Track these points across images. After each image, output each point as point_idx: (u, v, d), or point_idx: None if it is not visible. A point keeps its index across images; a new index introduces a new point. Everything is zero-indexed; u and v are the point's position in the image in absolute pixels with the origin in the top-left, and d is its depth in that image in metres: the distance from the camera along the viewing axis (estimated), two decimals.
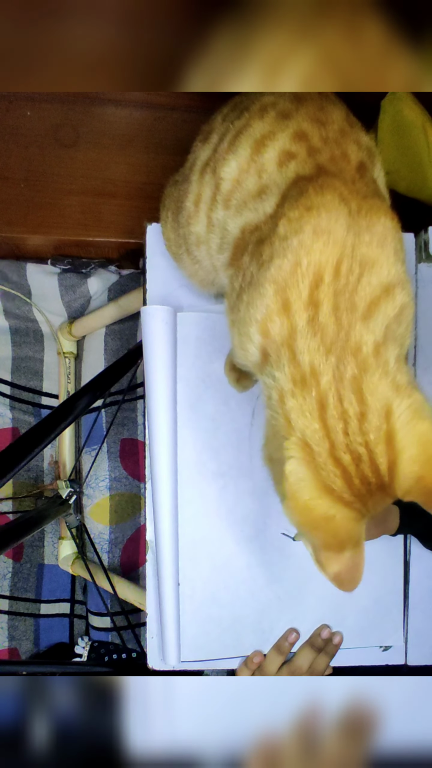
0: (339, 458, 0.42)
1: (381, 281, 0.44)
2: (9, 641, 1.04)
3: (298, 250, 0.43)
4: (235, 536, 0.69)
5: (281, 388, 0.44)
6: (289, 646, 0.68)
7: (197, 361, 0.68)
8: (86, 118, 0.83)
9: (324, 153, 0.48)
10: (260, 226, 0.49)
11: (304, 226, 0.44)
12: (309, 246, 0.43)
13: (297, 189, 0.46)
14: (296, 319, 0.44)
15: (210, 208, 0.54)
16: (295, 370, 0.44)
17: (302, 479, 0.43)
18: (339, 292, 0.43)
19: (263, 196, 0.49)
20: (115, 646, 1.02)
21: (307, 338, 0.43)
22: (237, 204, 0.51)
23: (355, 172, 0.48)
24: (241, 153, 0.50)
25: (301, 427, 0.43)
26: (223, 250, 0.54)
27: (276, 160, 0.49)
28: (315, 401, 0.43)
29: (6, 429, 1.07)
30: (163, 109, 0.84)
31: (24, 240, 0.87)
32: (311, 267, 0.43)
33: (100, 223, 0.83)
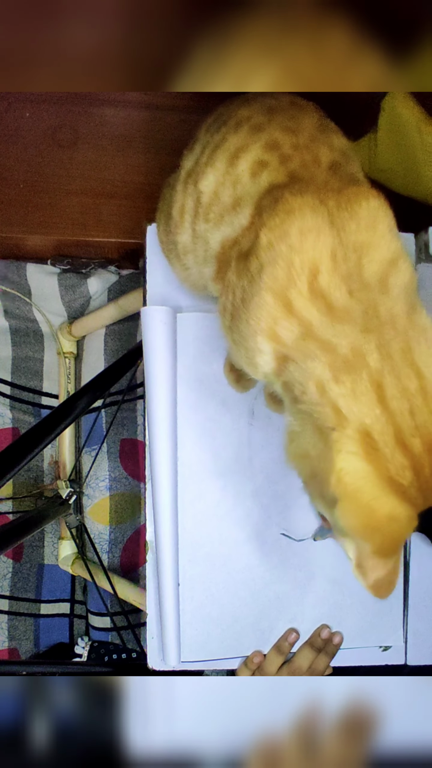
0: (408, 444, 0.37)
1: (383, 257, 0.43)
2: (9, 641, 1.04)
3: (288, 253, 0.42)
4: (235, 536, 0.69)
5: (319, 377, 0.40)
6: (289, 646, 0.68)
7: (197, 361, 0.68)
8: (85, 118, 0.83)
9: (295, 159, 0.49)
10: (238, 239, 0.49)
11: (288, 230, 0.43)
12: (299, 246, 0.42)
13: (271, 197, 0.46)
14: (305, 315, 0.42)
15: (193, 219, 0.54)
16: (332, 357, 0.40)
17: (363, 477, 0.37)
18: (346, 277, 0.42)
19: (238, 208, 0.49)
20: (114, 646, 1.02)
21: (334, 325, 0.40)
22: (215, 217, 0.51)
23: (326, 173, 0.48)
24: (218, 166, 0.51)
25: (356, 413, 0.38)
26: (208, 263, 0.54)
27: (249, 170, 0.49)
28: (369, 382, 0.38)
29: (6, 429, 1.07)
30: (162, 109, 0.84)
31: (24, 240, 0.87)
32: (306, 263, 0.42)
33: (100, 224, 0.83)
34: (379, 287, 0.42)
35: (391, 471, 0.38)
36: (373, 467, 0.38)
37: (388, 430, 0.38)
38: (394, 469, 0.38)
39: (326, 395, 0.39)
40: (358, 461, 0.38)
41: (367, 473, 0.38)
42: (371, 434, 0.38)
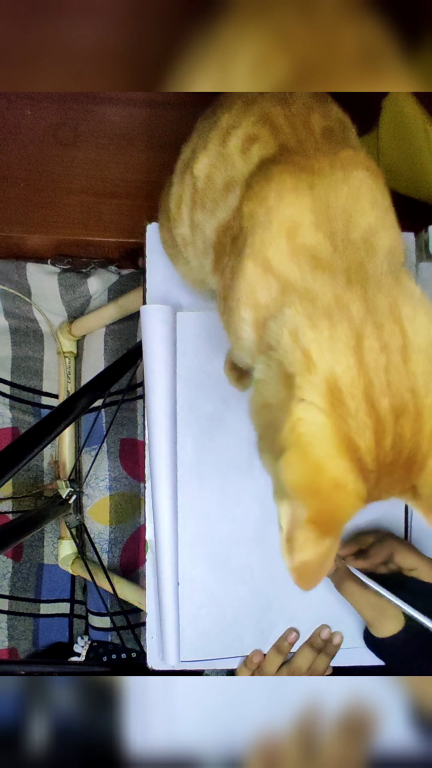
0: (375, 402, 0.34)
1: (369, 224, 0.41)
2: (8, 641, 1.04)
3: (265, 217, 0.41)
4: (234, 536, 0.68)
5: (294, 324, 0.36)
6: (289, 645, 0.68)
7: (197, 360, 0.68)
8: (86, 117, 0.83)
9: (285, 130, 0.46)
10: (230, 224, 0.47)
11: (267, 195, 0.41)
12: (276, 208, 0.41)
13: (261, 173, 0.44)
14: (284, 271, 0.39)
15: (191, 209, 0.52)
16: (311, 304, 0.37)
17: (319, 429, 0.34)
18: (331, 235, 0.40)
19: (230, 188, 0.47)
20: (114, 646, 1.02)
21: (316, 275, 0.38)
22: (210, 203, 0.49)
23: (319, 138, 0.46)
24: (210, 147, 0.49)
25: (327, 360, 0.34)
26: (207, 255, 0.53)
27: (240, 146, 0.47)
28: (348, 330, 0.35)
29: (6, 429, 1.07)
30: (163, 107, 0.83)
31: (24, 240, 0.87)
32: (284, 222, 0.40)
33: (100, 223, 0.83)
34: (365, 248, 0.40)
35: (352, 428, 0.34)
36: (332, 421, 0.34)
37: (357, 383, 0.34)
38: (355, 426, 0.34)
39: (299, 341, 0.36)
40: (318, 412, 0.34)
41: (325, 427, 0.34)
42: (338, 385, 0.34)
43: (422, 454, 0.35)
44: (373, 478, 0.35)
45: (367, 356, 0.34)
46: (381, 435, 0.34)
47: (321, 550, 0.35)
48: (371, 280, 0.37)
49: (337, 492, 0.34)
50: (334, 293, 0.36)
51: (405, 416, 0.34)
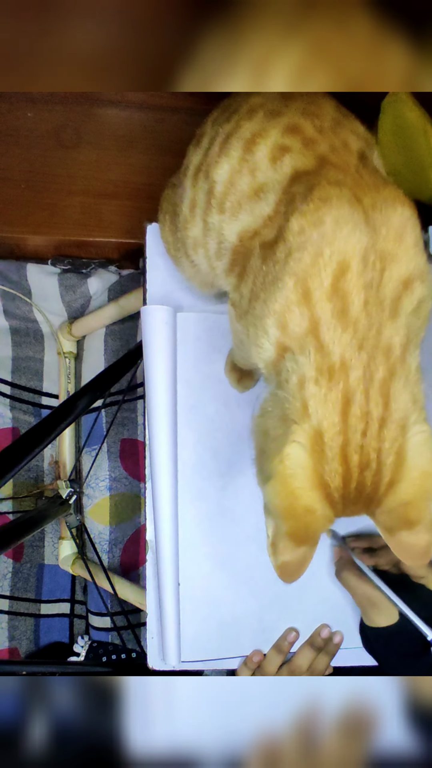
0: (348, 457, 0.42)
1: (401, 275, 0.43)
2: (9, 641, 1.04)
3: (319, 241, 0.42)
4: (234, 536, 0.69)
5: (303, 374, 0.42)
6: (289, 645, 0.68)
7: (197, 361, 0.68)
8: (87, 119, 0.83)
9: (322, 143, 0.47)
10: (259, 230, 0.47)
11: (323, 218, 0.42)
12: (331, 236, 0.41)
13: (304, 184, 0.45)
14: (318, 310, 0.42)
15: (205, 212, 0.52)
16: (322, 360, 0.42)
17: (301, 466, 0.41)
18: (367, 286, 0.42)
19: (260, 195, 0.48)
20: (114, 646, 1.02)
21: (338, 330, 0.42)
22: (232, 207, 0.50)
23: (358, 162, 0.47)
24: (233, 154, 0.49)
25: (319, 416, 0.41)
26: (221, 256, 0.53)
27: (269, 156, 0.47)
28: (341, 394, 0.41)
29: (6, 429, 1.07)
30: (164, 110, 0.84)
31: (24, 240, 0.87)
32: (334, 256, 0.41)
33: (101, 224, 0.83)
34: (390, 309, 0.42)
35: (325, 472, 0.42)
36: (312, 462, 0.42)
37: (337, 440, 0.42)
38: (328, 471, 0.42)
39: (302, 391, 0.42)
40: (303, 453, 0.42)
41: (306, 465, 0.42)
42: (323, 436, 0.42)
43: (378, 497, 0.43)
44: (340, 507, 0.43)
45: (350, 419, 0.41)
46: (348, 480, 0.42)
47: (298, 555, 0.44)
48: (380, 350, 0.42)
49: (309, 515, 0.42)
50: (342, 357, 0.42)
51: (368, 470, 0.42)
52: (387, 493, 0.43)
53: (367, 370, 0.42)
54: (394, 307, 0.42)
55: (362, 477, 0.42)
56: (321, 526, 0.43)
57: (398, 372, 0.42)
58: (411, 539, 0.44)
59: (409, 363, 0.43)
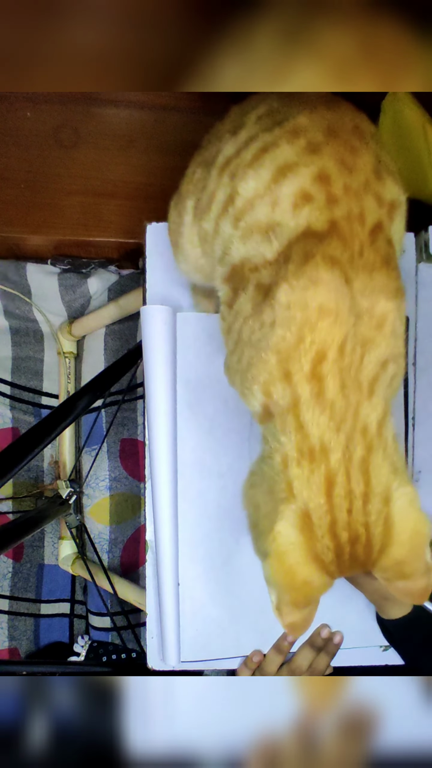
0: (337, 534, 0.44)
1: (379, 358, 0.45)
2: (9, 641, 1.04)
3: (302, 326, 0.43)
4: (235, 536, 0.69)
5: (286, 454, 0.45)
6: (289, 645, 0.68)
7: (197, 361, 0.68)
8: (87, 119, 0.83)
9: (342, 206, 0.46)
10: (259, 268, 0.47)
11: (309, 302, 0.43)
12: (314, 324, 0.43)
13: (304, 247, 0.45)
14: (299, 390, 0.44)
15: (220, 214, 0.51)
16: (302, 441, 0.44)
17: (293, 543, 0.44)
18: (344, 370, 0.44)
19: (270, 234, 0.47)
20: (114, 646, 1.02)
21: (315, 412, 0.44)
22: (245, 228, 0.48)
23: (367, 238, 0.46)
24: (263, 175, 0.47)
25: (304, 497, 0.44)
26: (223, 264, 0.52)
27: (292, 199, 0.46)
28: (323, 477, 0.43)
29: (6, 429, 1.07)
30: (164, 110, 0.84)
31: (24, 240, 0.87)
32: (315, 345, 0.43)
33: (100, 224, 0.83)
34: (367, 391, 0.45)
35: (318, 549, 0.44)
36: (304, 540, 0.44)
37: (325, 518, 0.44)
38: (320, 548, 0.44)
39: (286, 472, 0.45)
40: (294, 531, 0.44)
41: (298, 543, 0.44)
42: (310, 516, 0.44)
43: (372, 562, 0.46)
44: (337, 573, 0.46)
45: (335, 500, 0.44)
46: (340, 554, 0.45)
47: (303, 614, 0.46)
48: (357, 431, 0.44)
49: (307, 587, 0.45)
50: (321, 439, 0.44)
51: (358, 543, 0.44)
52: (379, 557, 0.45)
53: (346, 452, 0.44)
54: (371, 387, 0.45)
55: (354, 549, 0.44)
56: (320, 591, 0.46)
57: (376, 447, 0.44)
58: (409, 586, 0.46)
59: (386, 436, 0.45)
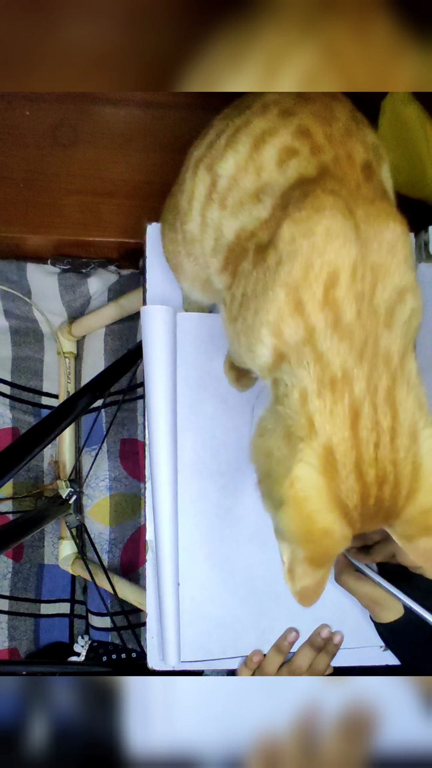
0: (364, 473, 0.40)
1: (395, 286, 0.42)
2: (9, 641, 1.04)
3: (309, 252, 0.41)
4: (235, 536, 0.68)
5: (304, 387, 0.41)
6: (289, 645, 0.68)
7: (197, 360, 0.68)
8: (85, 117, 0.83)
9: (328, 152, 0.46)
10: (256, 232, 0.47)
11: (314, 228, 0.41)
12: (322, 248, 0.41)
13: (300, 191, 0.44)
14: (313, 320, 0.41)
15: (204, 206, 0.51)
16: (323, 371, 0.41)
17: (313, 488, 0.40)
18: (359, 297, 0.41)
19: (261, 196, 0.47)
20: (114, 646, 1.02)
21: (334, 340, 0.41)
22: (233, 204, 0.48)
23: (360, 175, 0.46)
24: (240, 149, 0.48)
25: (327, 432, 0.40)
26: (216, 253, 0.52)
27: (276, 157, 0.46)
28: (348, 407, 0.40)
29: (6, 429, 1.07)
30: (163, 108, 0.84)
31: (24, 240, 0.87)
32: (325, 268, 0.41)
33: (100, 223, 0.83)
34: (385, 318, 0.42)
35: (342, 491, 0.40)
36: (326, 483, 0.40)
37: (350, 455, 0.40)
38: (344, 489, 0.40)
39: (306, 406, 0.41)
40: (314, 473, 0.40)
41: (319, 487, 0.40)
42: (334, 454, 0.40)
43: (398, 509, 0.42)
44: (358, 525, 0.42)
45: (361, 433, 0.40)
46: (366, 498, 0.41)
47: (316, 578, 0.43)
48: (380, 358, 0.41)
49: (327, 538, 0.41)
50: (344, 367, 0.41)
51: (386, 484, 0.41)
52: (406, 504, 0.42)
53: (370, 380, 0.40)
54: (388, 317, 0.42)
55: (381, 492, 0.41)
56: (340, 546, 0.42)
57: (400, 379, 0.41)
58: (431, 545, 0.43)
59: (409, 368, 0.42)
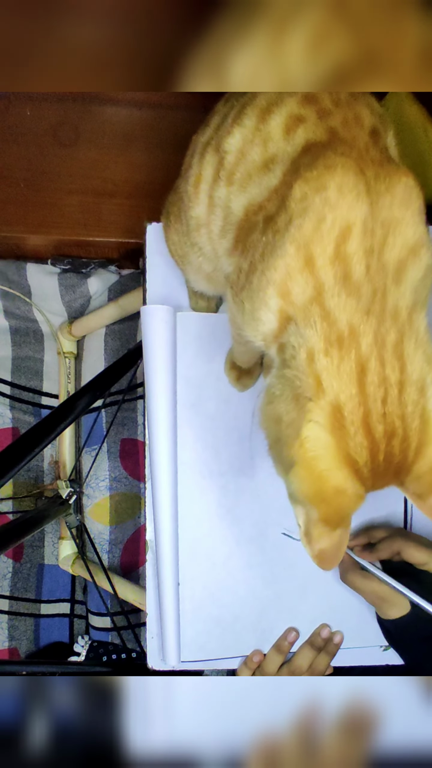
0: (372, 428, 0.40)
1: (407, 242, 0.42)
2: (9, 641, 1.04)
3: (321, 206, 0.41)
4: (235, 536, 0.68)
5: (311, 346, 0.41)
6: (289, 645, 0.68)
7: (197, 360, 0.68)
8: (86, 117, 0.83)
9: (336, 116, 0.45)
10: (264, 204, 0.46)
11: (327, 184, 0.41)
12: (335, 202, 0.41)
13: (311, 155, 0.44)
14: (322, 276, 0.41)
15: (211, 186, 0.51)
16: (329, 329, 0.40)
17: (323, 446, 0.40)
18: (368, 252, 0.41)
19: (270, 166, 0.46)
20: (114, 646, 1.02)
21: (342, 296, 0.40)
22: (241, 178, 0.48)
23: (368, 138, 0.46)
24: (246, 123, 0.47)
25: (335, 389, 0.40)
26: (226, 233, 0.51)
27: (283, 126, 0.46)
28: (354, 363, 0.40)
29: (6, 429, 1.07)
30: (163, 108, 0.84)
31: (24, 240, 0.87)
32: (337, 222, 0.41)
33: (100, 223, 0.83)
34: (394, 274, 0.42)
35: (351, 448, 0.40)
36: (335, 440, 0.40)
37: (358, 411, 0.40)
38: (353, 446, 0.40)
39: (313, 365, 0.41)
40: (323, 432, 0.40)
41: (328, 445, 0.40)
42: (342, 410, 0.40)
43: (408, 465, 0.42)
44: (370, 482, 0.42)
45: (368, 388, 0.40)
46: (375, 453, 0.40)
47: (334, 540, 0.42)
48: (387, 313, 0.41)
49: (340, 496, 0.41)
50: (350, 322, 0.40)
51: (395, 438, 0.40)
52: (416, 458, 0.41)
53: (378, 335, 0.40)
54: (398, 273, 0.42)
55: (390, 447, 0.40)
56: (354, 504, 0.42)
57: (408, 333, 0.41)
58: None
59: (418, 324, 0.42)
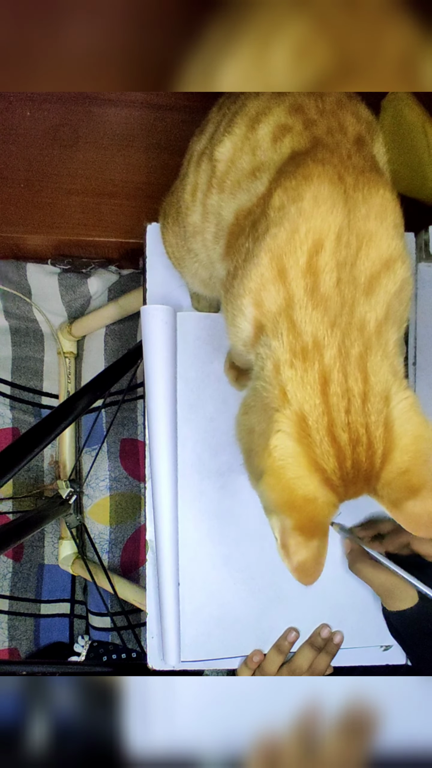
0: (337, 437, 0.41)
1: (381, 255, 0.42)
2: (9, 641, 1.04)
3: (296, 217, 0.41)
4: (235, 536, 0.68)
5: (277, 358, 0.42)
6: (289, 645, 0.68)
7: (197, 360, 0.68)
8: (86, 118, 0.83)
9: (320, 125, 0.46)
10: (253, 209, 0.47)
11: (303, 194, 0.42)
12: (309, 213, 0.41)
13: (293, 163, 0.44)
14: (293, 288, 0.42)
15: (205, 194, 0.52)
16: (295, 341, 0.41)
17: (290, 455, 0.41)
18: (340, 264, 0.42)
19: (257, 174, 0.47)
20: (114, 646, 1.02)
21: (308, 309, 0.41)
22: (231, 185, 0.49)
23: (351, 146, 0.46)
24: (236, 132, 0.48)
25: (299, 399, 0.41)
26: (218, 239, 0.52)
27: (270, 135, 0.47)
28: (318, 374, 0.41)
29: (6, 429, 1.07)
30: (163, 109, 0.84)
31: (24, 240, 0.87)
32: (310, 234, 0.41)
33: (100, 223, 0.83)
34: (365, 287, 0.42)
35: (318, 455, 0.41)
36: (302, 449, 0.41)
37: (322, 420, 0.41)
38: (320, 454, 0.41)
39: (279, 377, 0.42)
40: (290, 441, 0.41)
41: (296, 453, 0.41)
42: (306, 420, 0.41)
43: (376, 471, 0.42)
44: (342, 490, 0.42)
45: (331, 399, 0.41)
46: (342, 460, 0.41)
47: (312, 550, 0.42)
48: (354, 326, 0.41)
49: (310, 504, 0.41)
50: (315, 335, 0.41)
51: (360, 446, 0.41)
52: (384, 464, 0.42)
53: (342, 347, 0.41)
54: (369, 285, 0.42)
55: (356, 454, 0.41)
56: (327, 512, 0.42)
57: (374, 346, 0.42)
58: (418, 508, 0.43)
59: (386, 337, 0.42)
